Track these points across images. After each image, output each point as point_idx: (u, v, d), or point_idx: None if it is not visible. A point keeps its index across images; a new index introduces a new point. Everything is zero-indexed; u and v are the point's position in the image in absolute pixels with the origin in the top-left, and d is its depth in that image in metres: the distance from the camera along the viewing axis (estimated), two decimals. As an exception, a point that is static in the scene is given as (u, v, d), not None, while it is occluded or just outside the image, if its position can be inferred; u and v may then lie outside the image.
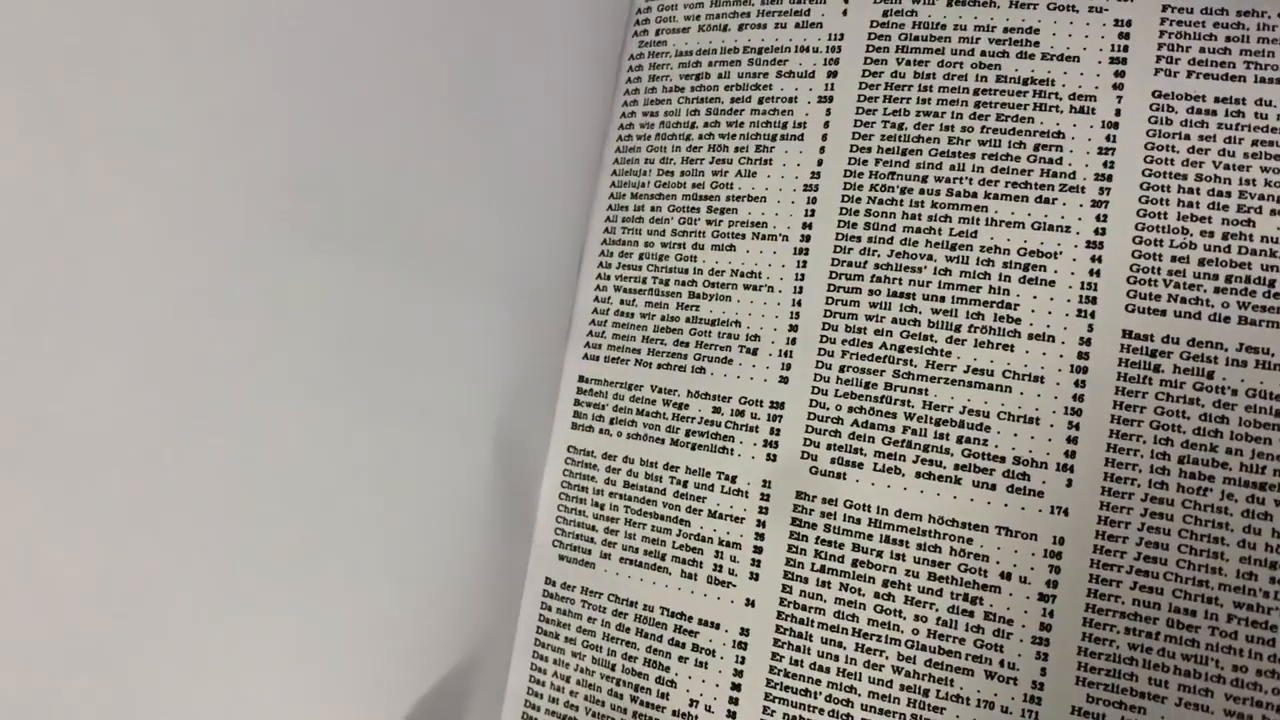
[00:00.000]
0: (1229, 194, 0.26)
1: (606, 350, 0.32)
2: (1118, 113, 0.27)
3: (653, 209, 0.32)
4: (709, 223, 0.31)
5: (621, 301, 0.32)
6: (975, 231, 0.28)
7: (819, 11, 0.31)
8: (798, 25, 0.31)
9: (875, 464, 0.28)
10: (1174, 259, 0.26)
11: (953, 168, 0.29)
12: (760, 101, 0.31)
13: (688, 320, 0.31)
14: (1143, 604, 0.26)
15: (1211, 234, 0.26)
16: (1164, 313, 0.26)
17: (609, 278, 0.32)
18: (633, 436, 0.31)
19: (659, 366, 0.31)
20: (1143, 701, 0.26)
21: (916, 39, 0.30)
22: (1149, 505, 0.26)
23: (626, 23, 0.33)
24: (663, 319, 0.31)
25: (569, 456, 0.32)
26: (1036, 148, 0.28)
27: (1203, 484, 0.26)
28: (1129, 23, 0.28)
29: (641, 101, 0.33)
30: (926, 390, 0.28)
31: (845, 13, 0.30)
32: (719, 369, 0.30)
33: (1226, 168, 0.26)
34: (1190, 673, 0.25)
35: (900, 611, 0.27)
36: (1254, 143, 0.26)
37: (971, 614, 0.27)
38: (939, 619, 0.27)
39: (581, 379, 0.32)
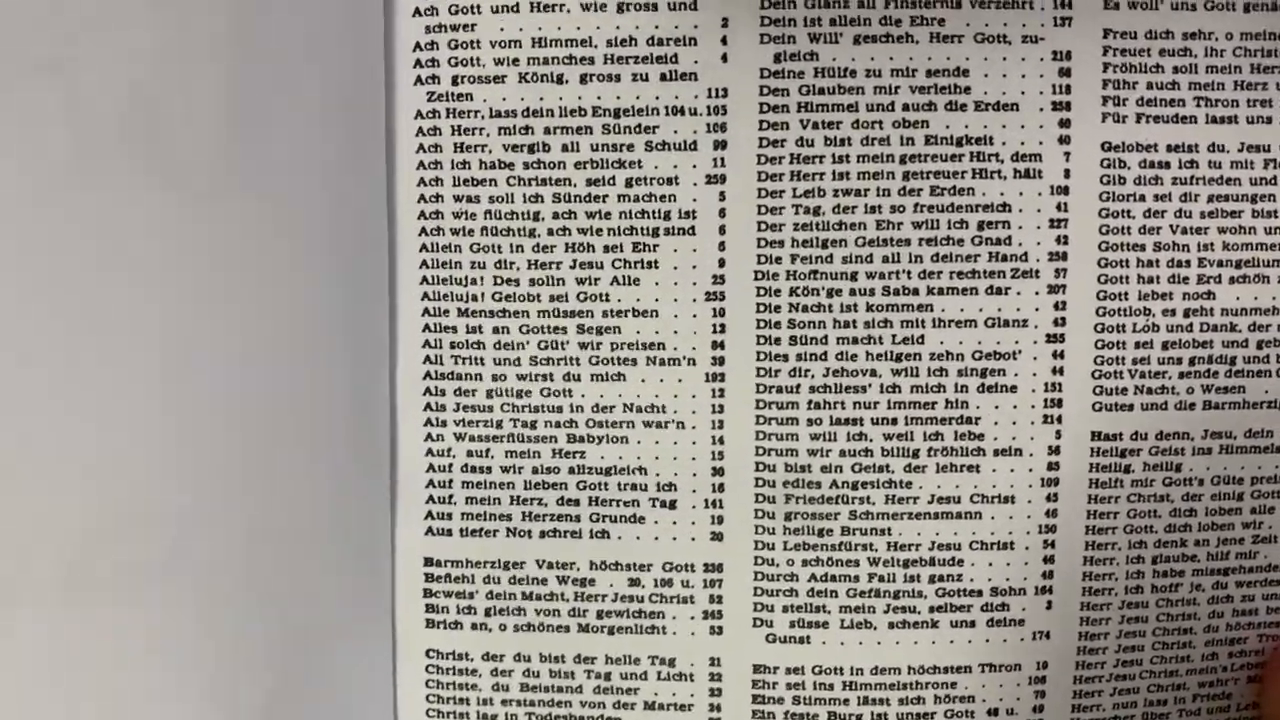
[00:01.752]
0: (1188, 263, 0.24)
1: (460, 520, 0.25)
2: (1067, 174, 0.24)
3: (496, 330, 0.24)
4: (583, 346, 0.24)
5: (470, 454, 0.25)
6: (922, 336, 0.24)
7: (689, 56, 0.23)
8: (664, 77, 0.23)
9: (842, 620, 0.25)
10: (1138, 345, 0.24)
11: (886, 259, 0.24)
12: (629, 183, 0.24)
13: (572, 471, 0.25)
14: (1121, 705, 0.25)
15: (1173, 312, 0.24)
16: (1131, 407, 0.24)
17: (444, 423, 0.25)
18: (523, 629, 0.25)
19: (542, 535, 0.25)
20: (1121, 790, 0.26)
21: (822, 91, 0.23)
22: (1126, 611, 0.25)
23: (387, 60, 0.24)
24: (535, 471, 0.25)
25: (431, 664, 0.25)
26: (981, 226, 0.24)
27: (1174, 580, 0.25)
28: (1069, 54, 0.23)
29: (449, 180, 0.24)
30: (890, 529, 0.24)
31: (725, 58, 0.23)
32: (628, 530, 0.25)
33: (1184, 232, 0.24)
34: (1161, 753, 0.26)
35: (888, 773, 0.25)
36: (1209, 198, 0.24)
37: (961, 758, 0.25)
38: (929, 771, 0.25)
39: (430, 562, 0.25)
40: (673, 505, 0.25)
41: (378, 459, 0.25)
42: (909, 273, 0.24)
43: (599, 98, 0.24)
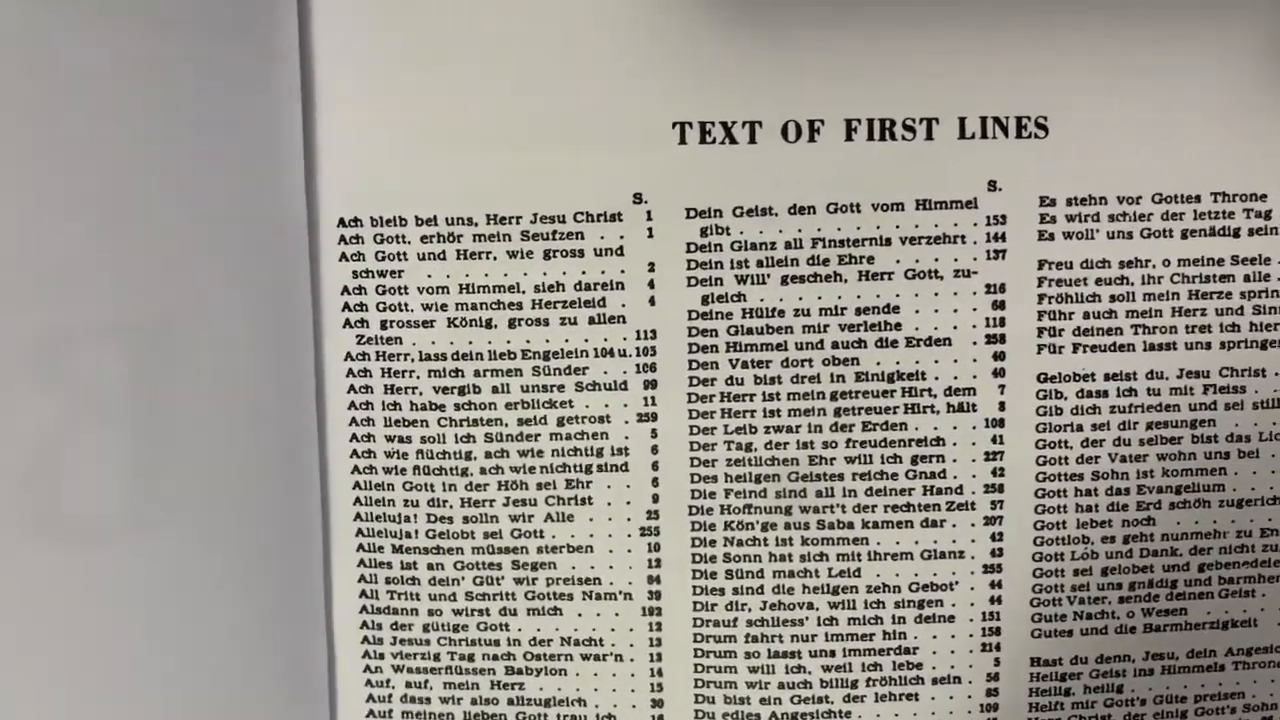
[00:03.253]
0: (1127, 490, 0.24)
1: None
2: (1001, 406, 0.24)
3: (430, 567, 0.25)
4: (519, 582, 0.25)
5: (409, 685, 0.25)
6: (859, 570, 0.24)
7: (617, 301, 0.24)
8: (592, 320, 0.24)
9: None
10: (1076, 572, 0.24)
11: (820, 494, 0.24)
12: (560, 422, 0.24)
13: (511, 702, 0.25)
14: None
15: (1113, 539, 0.24)
16: (1070, 633, 0.25)
17: (382, 655, 0.25)
18: None
19: (484, 764, 0.25)
20: None
21: (750, 332, 0.24)
22: (1070, 836, 0.25)
23: (315, 300, 0.24)
24: (474, 702, 0.25)
25: None
26: (915, 460, 0.24)
27: (1119, 798, 0.25)
28: (1002, 287, 0.24)
29: (380, 420, 0.24)
30: (830, 759, 0.25)
31: (653, 301, 0.24)
32: (569, 762, 0.25)
33: (1123, 460, 0.24)
34: None
35: None
36: (1148, 425, 0.24)
37: None
38: None
39: None
40: (613, 735, 0.25)
41: (316, 694, 0.25)
42: (844, 506, 0.24)
43: (528, 341, 0.24)
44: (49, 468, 0.23)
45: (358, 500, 0.25)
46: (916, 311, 0.24)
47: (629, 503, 0.24)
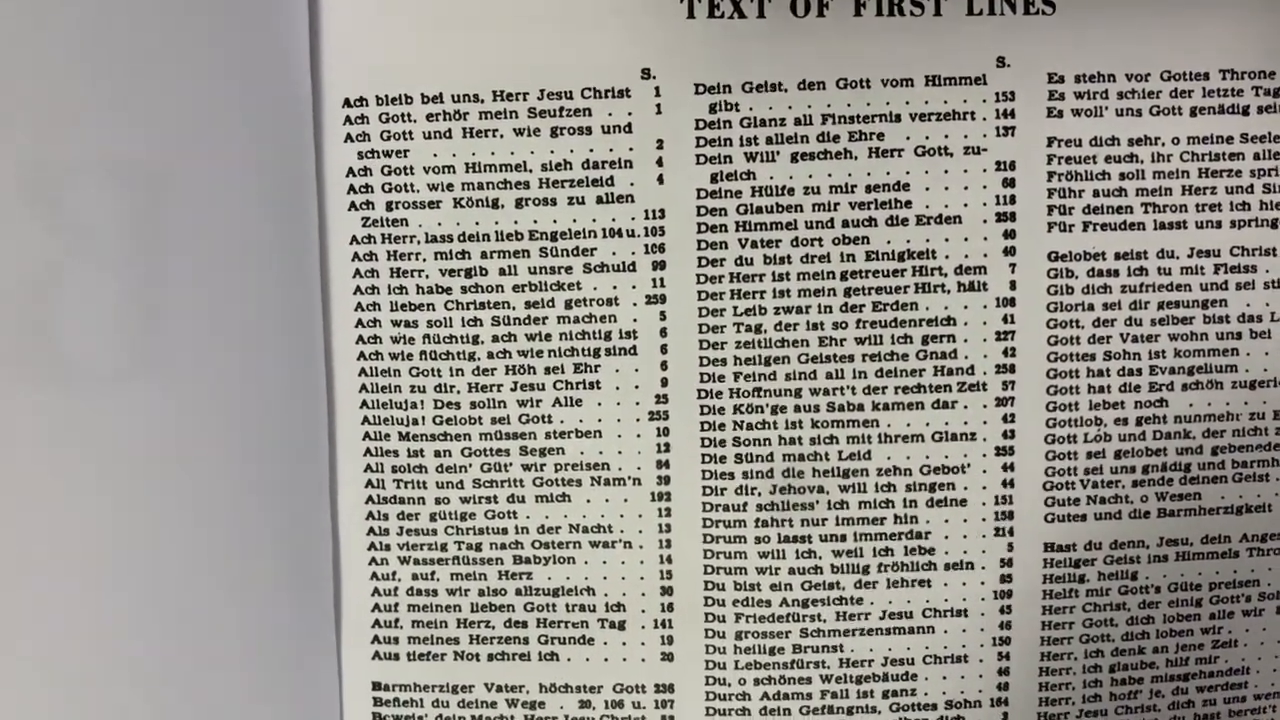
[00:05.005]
0: (1139, 371, 0.25)
1: (407, 645, 0.26)
2: (1013, 285, 0.24)
3: (437, 454, 0.25)
4: (527, 469, 0.25)
5: (415, 576, 0.26)
6: (869, 452, 0.25)
7: (625, 179, 0.24)
8: (600, 200, 0.24)
9: (795, 739, 0.25)
10: (1090, 455, 0.25)
11: (830, 375, 0.24)
12: (568, 305, 0.24)
13: (519, 593, 0.25)
14: (1084, 813, 0.26)
15: (1125, 420, 0.25)
16: (1084, 518, 0.25)
17: (388, 547, 0.25)
18: None
19: (490, 658, 0.26)
20: None
21: (759, 210, 0.24)
22: (1085, 720, 0.25)
23: (319, 183, 0.24)
24: (481, 594, 0.25)
25: None
26: (925, 340, 0.24)
27: (1132, 688, 0.26)
28: (1012, 165, 0.24)
29: (385, 305, 0.25)
30: (841, 646, 0.25)
31: (661, 179, 0.24)
32: (578, 652, 0.25)
33: (1135, 340, 0.25)
34: None
35: None
36: (1160, 305, 0.24)
37: None
38: None
39: (378, 686, 0.26)
40: (622, 626, 0.25)
41: (321, 585, 0.25)
42: (854, 388, 0.25)
43: (535, 221, 0.24)
44: (44, 305, 0.23)
45: (363, 388, 0.25)
46: (926, 189, 0.24)
47: (637, 386, 0.25)
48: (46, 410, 0.24)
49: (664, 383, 0.25)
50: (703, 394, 0.25)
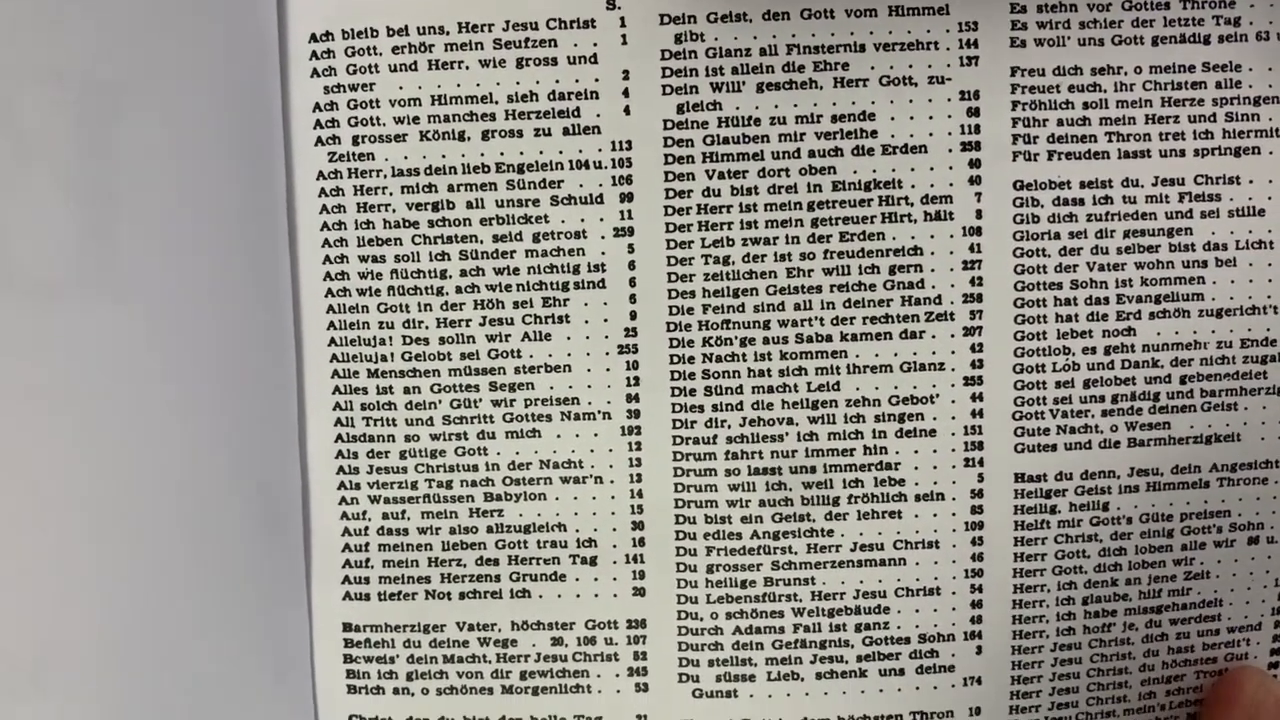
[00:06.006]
0: (1106, 300, 0.25)
1: (378, 584, 0.26)
2: (978, 214, 0.25)
3: (407, 390, 0.25)
4: (497, 404, 0.25)
5: (385, 515, 0.26)
6: (837, 383, 0.25)
7: (592, 110, 0.24)
8: (566, 131, 0.24)
9: (769, 673, 0.26)
10: (1058, 384, 0.25)
11: (798, 307, 0.25)
12: (536, 239, 0.25)
13: (490, 530, 0.26)
14: (1059, 749, 0.26)
15: (1093, 350, 0.25)
16: (1054, 447, 0.25)
17: (358, 485, 0.26)
18: (446, 692, 0.26)
19: (462, 596, 0.26)
20: (1061, 836, 0.27)
21: (727, 141, 0.24)
22: (1058, 654, 0.26)
23: (285, 119, 0.25)
24: (452, 532, 0.26)
25: None
26: (893, 270, 0.25)
27: (1106, 620, 0.26)
28: (976, 94, 0.24)
29: (353, 241, 0.25)
30: (813, 579, 0.25)
31: (628, 110, 0.24)
32: (549, 589, 0.26)
33: (1101, 269, 0.25)
34: (1102, 796, 0.27)
35: (823, 826, 0.26)
36: (1125, 234, 0.25)
37: (898, 807, 0.26)
38: (865, 822, 0.26)
39: (349, 627, 0.26)
40: (593, 561, 0.26)
41: (291, 525, 0.26)
42: (822, 319, 0.25)
43: (502, 154, 0.25)
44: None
45: (332, 325, 0.25)
46: (892, 119, 0.25)
47: (606, 320, 0.25)
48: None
49: (632, 315, 0.25)
50: (671, 327, 0.25)
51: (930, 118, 0.25)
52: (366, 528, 0.26)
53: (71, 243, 0.24)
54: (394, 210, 0.25)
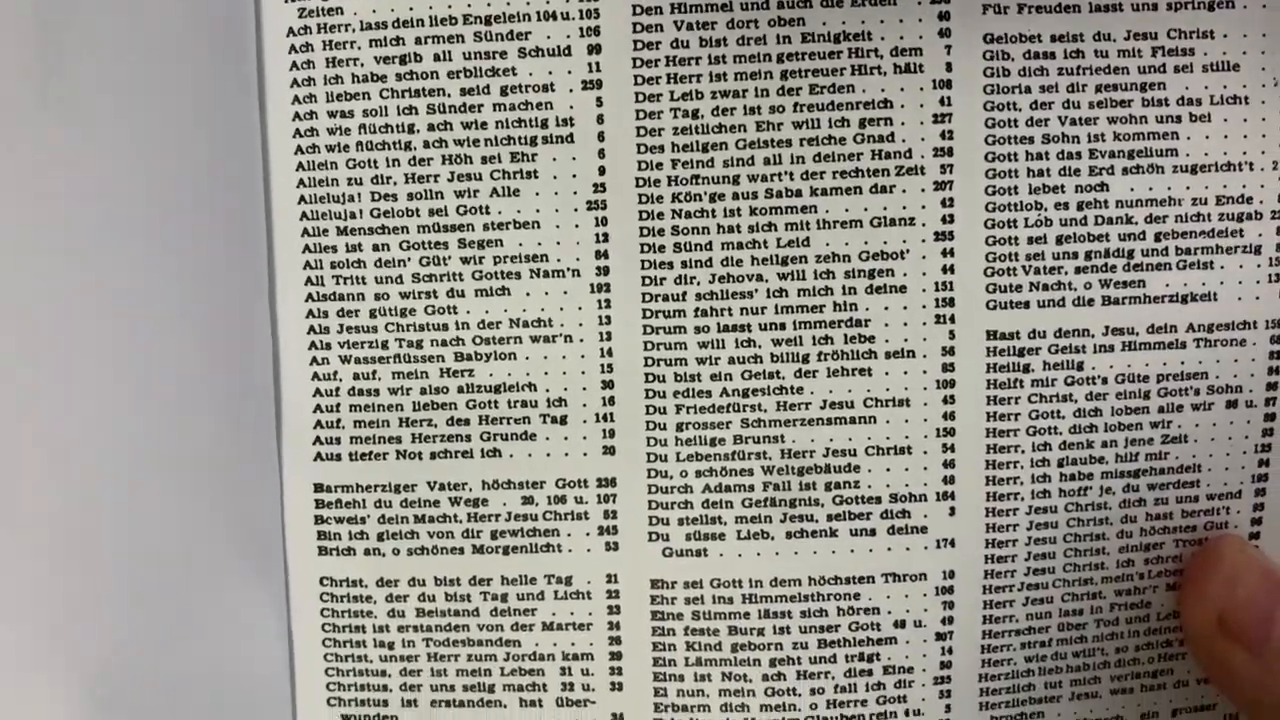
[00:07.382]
0: (1079, 155, 0.25)
1: (349, 445, 0.26)
2: (949, 67, 0.25)
3: (376, 248, 0.26)
4: (465, 261, 0.26)
5: (356, 376, 0.26)
6: (807, 239, 0.25)
7: (558, -41, 0.25)
8: (534, -20, 0.25)
9: (739, 532, 0.26)
10: (1030, 240, 0.25)
11: (767, 161, 0.25)
12: (504, 91, 0.25)
13: (461, 390, 0.26)
14: (1035, 615, 0.27)
15: (1066, 205, 0.25)
16: (1027, 304, 0.25)
17: (328, 345, 0.26)
18: (416, 552, 0.26)
19: (433, 456, 0.26)
20: (1040, 706, 0.27)
21: (695, -10, 0.25)
22: (1033, 517, 0.26)
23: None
24: (423, 392, 0.26)
25: (326, 592, 0.27)
26: (863, 123, 0.25)
27: (1082, 484, 0.26)
28: None
29: (322, 96, 0.25)
30: (783, 436, 0.26)
31: (595, -42, 0.25)
32: (519, 448, 0.26)
33: (1073, 123, 0.25)
34: (1080, 667, 0.27)
35: (794, 689, 0.26)
36: (1098, 88, 0.25)
37: (870, 672, 0.26)
38: (837, 686, 0.26)
39: (320, 488, 0.26)
40: (563, 420, 0.26)
41: (261, 385, 0.26)
42: (791, 174, 0.25)
43: (469, 5, 0.25)
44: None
45: (301, 182, 0.26)
46: (860, -32, 0.25)
47: (575, 175, 0.25)
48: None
49: (601, 171, 0.25)
50: (640, 182, 0.25)
51: (900, -31, 0.25)
52: (338, 388, 0.26)
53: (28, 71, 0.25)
54: (362, 64, 0.25)
